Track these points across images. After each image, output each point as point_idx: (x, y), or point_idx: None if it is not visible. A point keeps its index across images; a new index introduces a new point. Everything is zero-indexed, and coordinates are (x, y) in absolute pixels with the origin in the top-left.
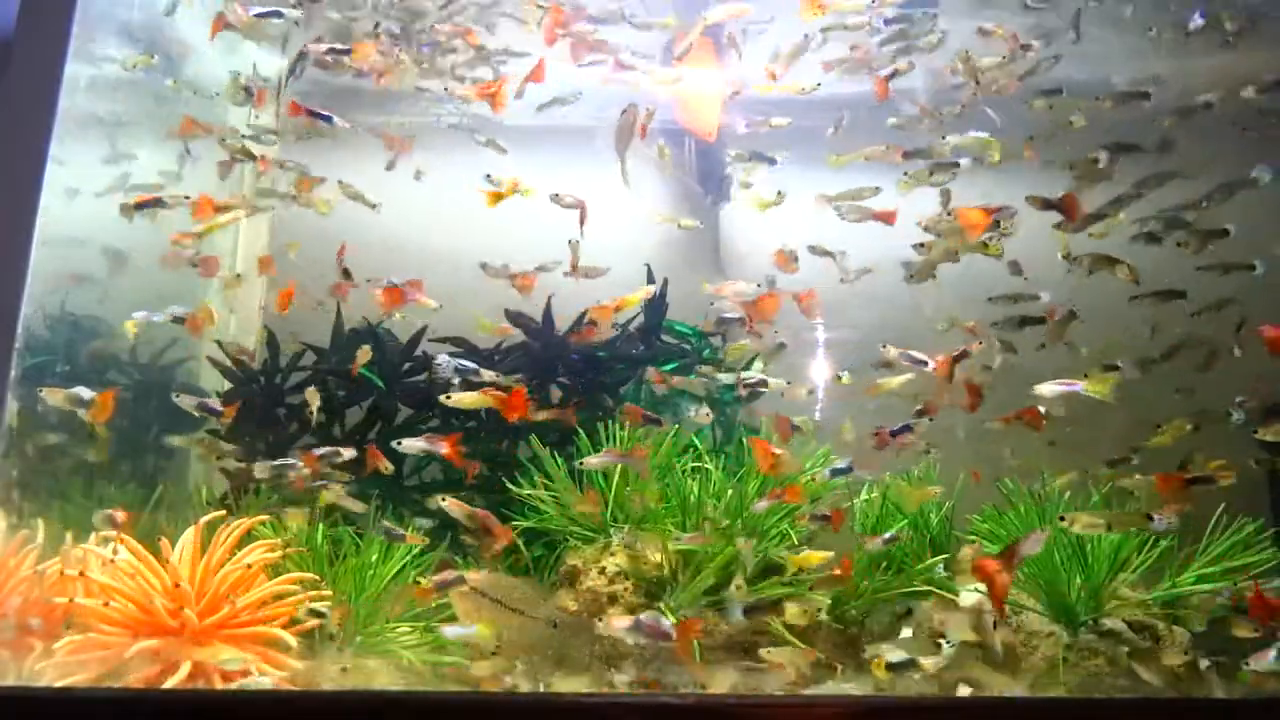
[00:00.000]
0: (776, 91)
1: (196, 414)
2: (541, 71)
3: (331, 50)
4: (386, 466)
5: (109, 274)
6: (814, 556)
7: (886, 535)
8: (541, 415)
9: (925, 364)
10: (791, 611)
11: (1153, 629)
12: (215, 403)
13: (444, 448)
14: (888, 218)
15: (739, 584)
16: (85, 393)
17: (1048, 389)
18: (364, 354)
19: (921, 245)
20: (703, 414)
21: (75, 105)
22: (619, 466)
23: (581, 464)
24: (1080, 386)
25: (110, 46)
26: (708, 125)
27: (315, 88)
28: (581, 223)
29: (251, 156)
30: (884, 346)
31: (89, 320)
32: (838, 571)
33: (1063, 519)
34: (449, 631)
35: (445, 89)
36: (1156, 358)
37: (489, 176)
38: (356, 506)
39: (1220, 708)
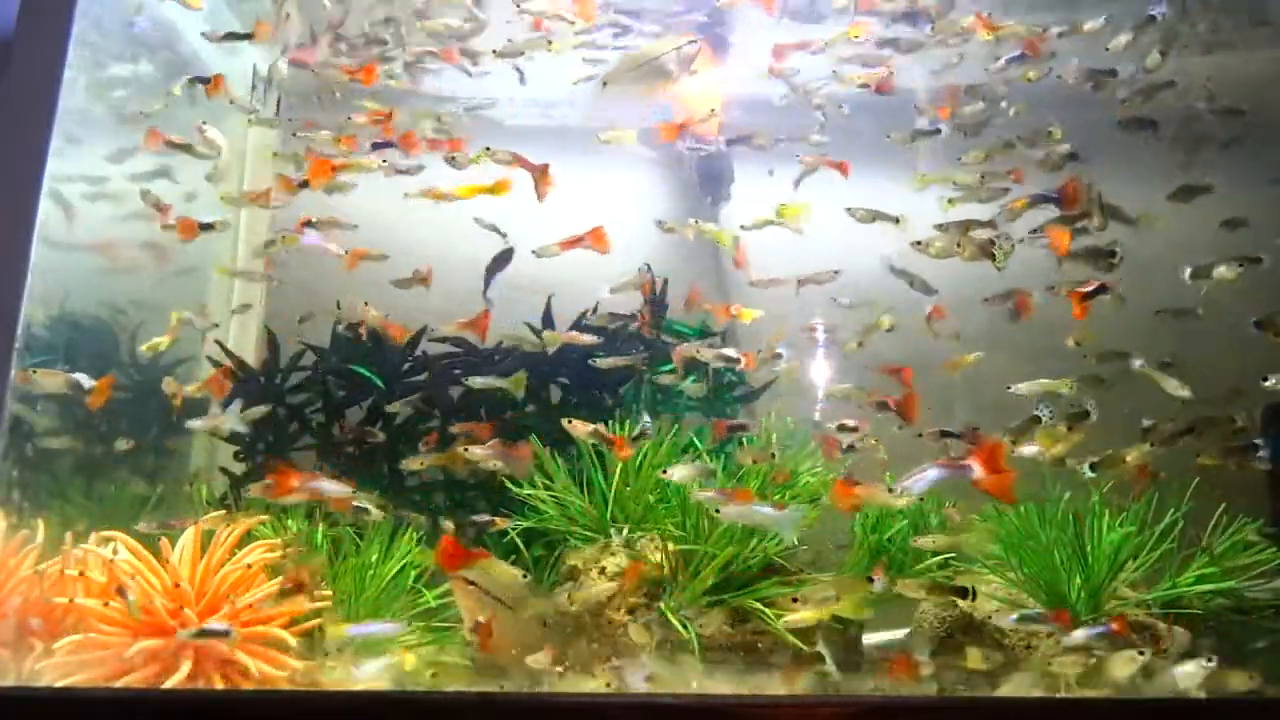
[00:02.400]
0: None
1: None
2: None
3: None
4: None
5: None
6: (808, 616)
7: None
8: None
9: None
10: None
11: (1153, 629)
12: (85, 379)
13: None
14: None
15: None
16: (85, 380)
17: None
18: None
19: (918, 243)
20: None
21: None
22: (619, 466)
23: (665, 473)
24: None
25: (112, 46)
26: (708, 125)
27: (314, 87)
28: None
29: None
30: None
31: (89, 321)
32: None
33: None
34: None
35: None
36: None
37: (487, 149)
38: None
39: (1218, 708)
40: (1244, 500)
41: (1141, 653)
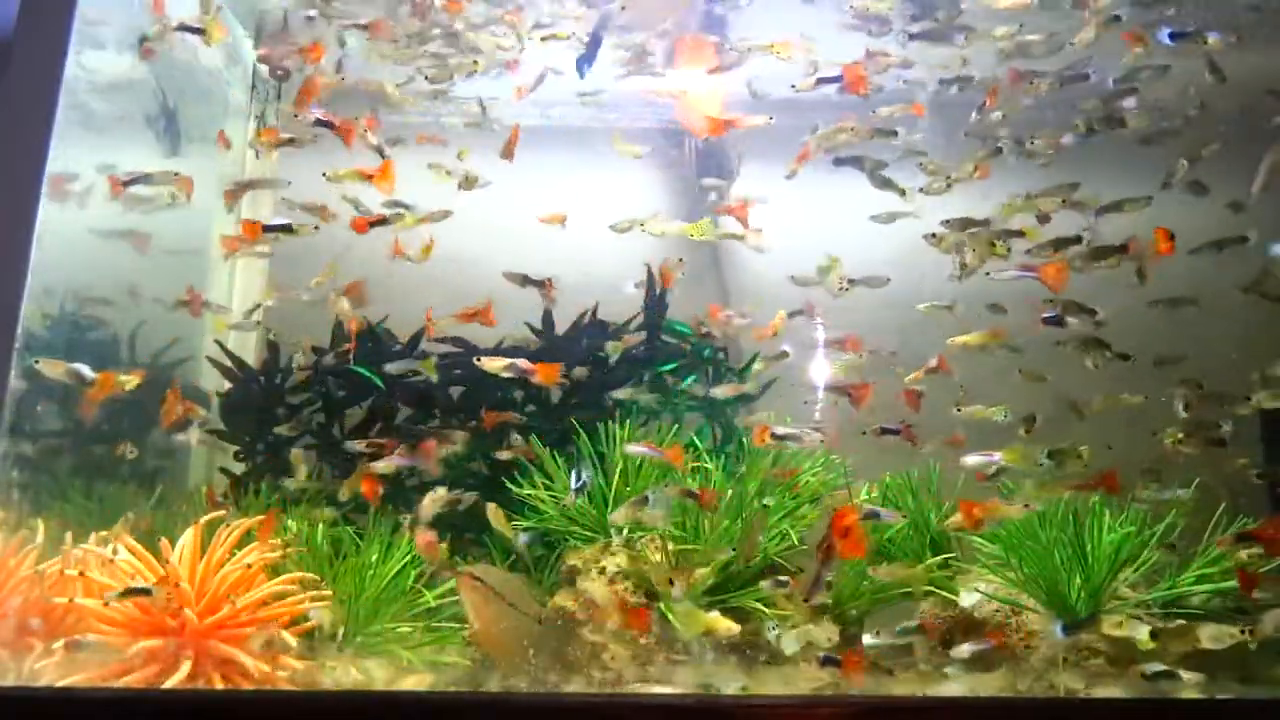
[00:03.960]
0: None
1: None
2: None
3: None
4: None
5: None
6: (719, 624)
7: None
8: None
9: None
10: None
11: (1152, 629)
12: (87, 370)
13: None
14: None
15: None
16: (87, 371)
17: (971, 460)
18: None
19: (932, 235)
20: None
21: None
22: (619, 466)
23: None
24: (998, 457)
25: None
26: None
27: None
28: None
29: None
30: None
31: (89, 321)
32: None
33: None
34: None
35: None
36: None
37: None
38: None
39: (1217, 708)
40: (1244, 500)
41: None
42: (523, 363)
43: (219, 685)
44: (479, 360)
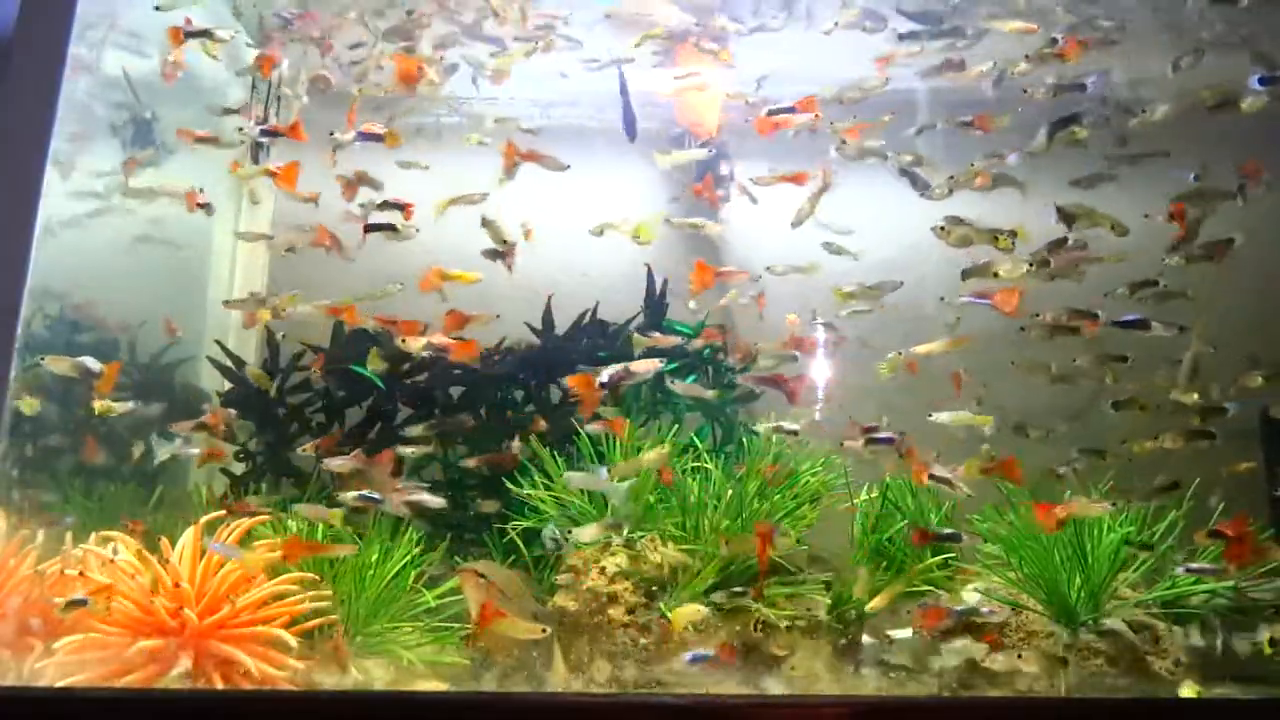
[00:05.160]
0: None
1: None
2: None
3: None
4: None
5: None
6: (684, 612)
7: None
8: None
9: None
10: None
11: (1153, 629)
12: (93, 363)
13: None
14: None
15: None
16: (93, 364)
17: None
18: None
19: (943, 228)
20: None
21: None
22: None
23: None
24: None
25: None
26: (708, 125)
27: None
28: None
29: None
30: None
31: (88, 323)
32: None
33: None
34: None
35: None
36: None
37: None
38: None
39: (1218, 708)
40: (1243, 500)
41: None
42: (438, 339)
43: (219, 685)
44: (402, 342)
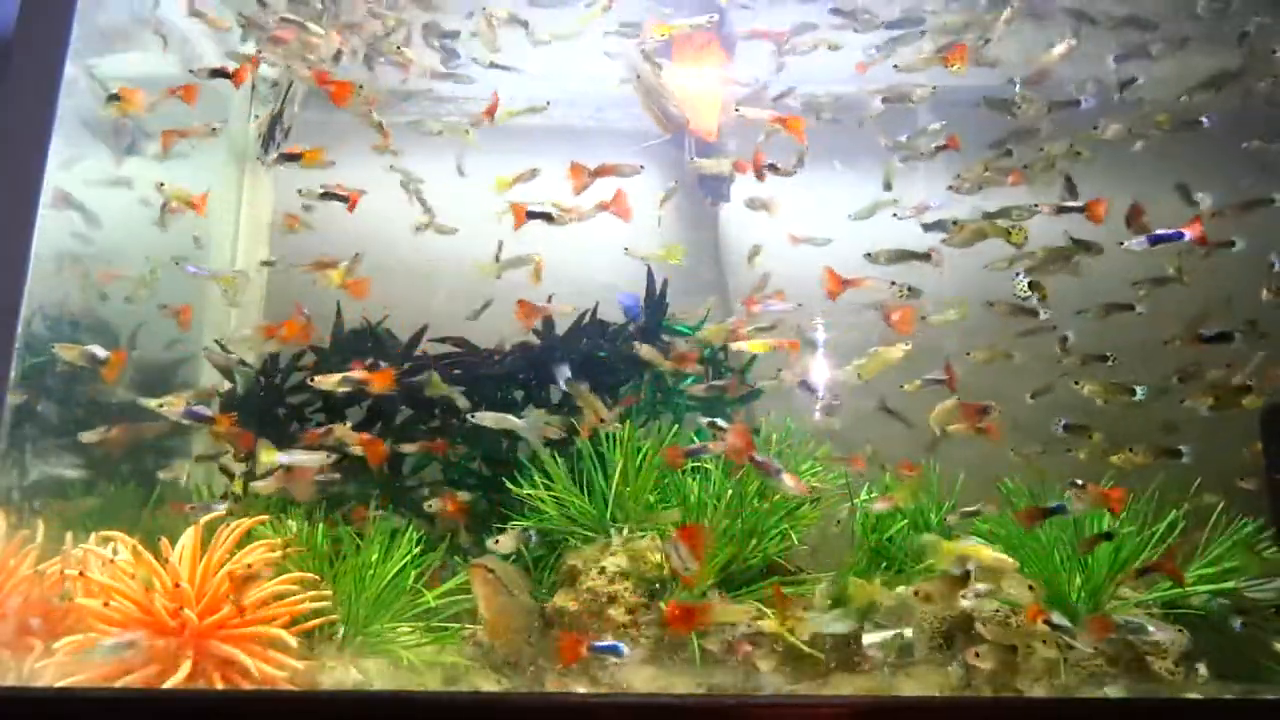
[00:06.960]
0: None
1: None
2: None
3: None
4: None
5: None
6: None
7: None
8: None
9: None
10: None
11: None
12: (100, 351)
13: None
14: None
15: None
16: (100, 352)
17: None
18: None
19: (955, 222)
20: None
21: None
22: (619, 466)
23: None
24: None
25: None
26: (708, 124)
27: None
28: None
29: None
30: None
31: (88, 321)
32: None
33: None
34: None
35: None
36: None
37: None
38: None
39: (1217, 708)
40: (1244, 501)
41: None
42: (356, 373)
43: (219, 685)
44: (313, 381)
